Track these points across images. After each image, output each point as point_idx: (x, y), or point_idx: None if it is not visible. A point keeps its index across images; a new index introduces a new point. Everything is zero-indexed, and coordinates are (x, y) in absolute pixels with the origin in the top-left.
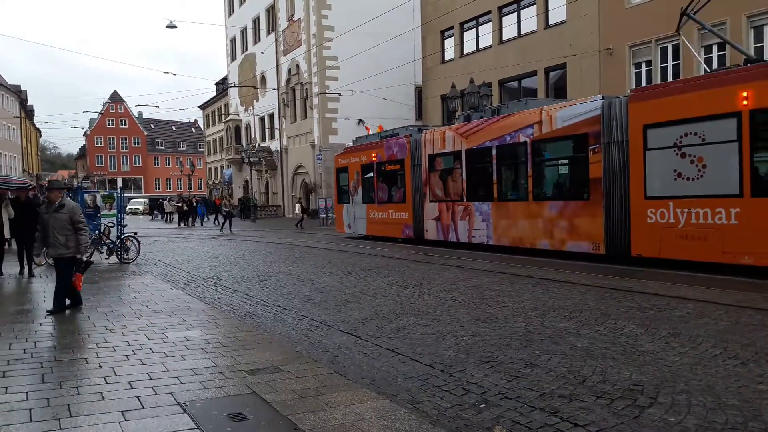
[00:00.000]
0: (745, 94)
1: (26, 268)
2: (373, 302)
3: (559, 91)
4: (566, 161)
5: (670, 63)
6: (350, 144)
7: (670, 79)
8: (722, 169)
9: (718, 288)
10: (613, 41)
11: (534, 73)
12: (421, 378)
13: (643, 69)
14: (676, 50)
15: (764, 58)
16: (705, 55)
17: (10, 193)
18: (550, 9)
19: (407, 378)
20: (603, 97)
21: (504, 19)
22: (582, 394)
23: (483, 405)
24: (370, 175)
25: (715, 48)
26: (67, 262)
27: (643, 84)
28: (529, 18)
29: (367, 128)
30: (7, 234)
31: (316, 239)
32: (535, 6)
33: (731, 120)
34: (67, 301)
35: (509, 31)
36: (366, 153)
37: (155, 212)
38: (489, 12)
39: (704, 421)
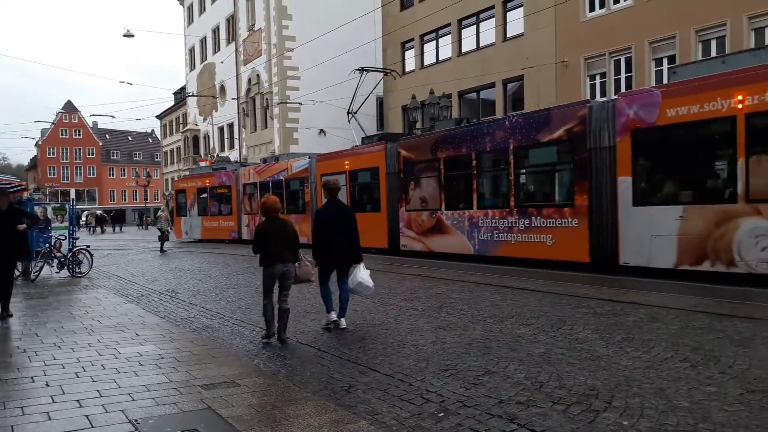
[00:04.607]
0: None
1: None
2: None
3: (516, 102)
4: (298, 191)
5: (623, 75)
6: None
7: (623, 89)
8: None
9: (670, 293)
10: (569, 54)
11: (492, 85)
12: (381, 388)
13: (597, 81)
14: (629, 63)
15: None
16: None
17: None
18: (508, 22)
19: (367, 389)
20: (309, 156)
21: (463, 31)
22: (539, 400)
23: (442, 414)
24: (204, 195)
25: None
26: None
27: (597, 95)
28: (488, 30)
29: (202, 159)
30: None
31: None
32: (493, 19)
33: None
34: None
35: (468, 43)
36: (201, 180)
37: (81, 222)
38: (449, 24)
39: (656, 424)
